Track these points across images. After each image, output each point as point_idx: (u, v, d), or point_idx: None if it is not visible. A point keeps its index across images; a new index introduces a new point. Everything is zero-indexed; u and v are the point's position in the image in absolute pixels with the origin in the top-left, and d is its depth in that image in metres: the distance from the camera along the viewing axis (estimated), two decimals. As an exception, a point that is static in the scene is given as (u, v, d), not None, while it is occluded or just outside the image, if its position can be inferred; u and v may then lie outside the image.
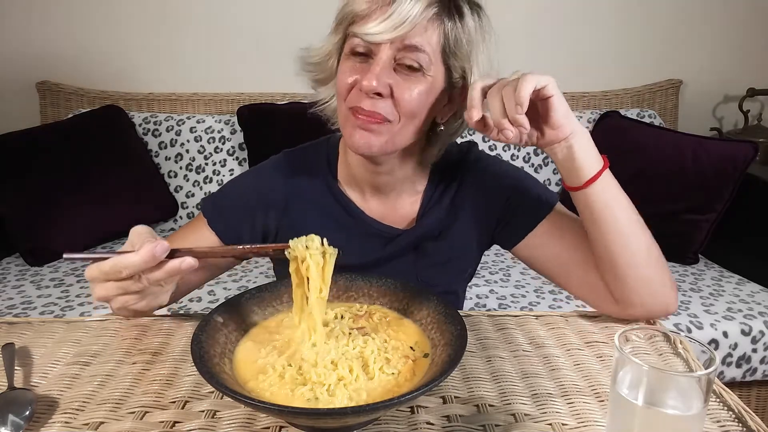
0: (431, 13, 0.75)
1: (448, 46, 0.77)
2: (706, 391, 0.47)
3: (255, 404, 0.52)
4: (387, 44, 0.74)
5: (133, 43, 2.28)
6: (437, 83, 0.78)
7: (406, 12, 0.73)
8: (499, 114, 0.68)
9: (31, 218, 1.85)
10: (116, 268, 0.63)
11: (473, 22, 0.79)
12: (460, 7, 0.78)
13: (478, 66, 0.80)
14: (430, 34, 0.76)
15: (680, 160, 1.92)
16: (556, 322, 0.83)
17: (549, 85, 0.68)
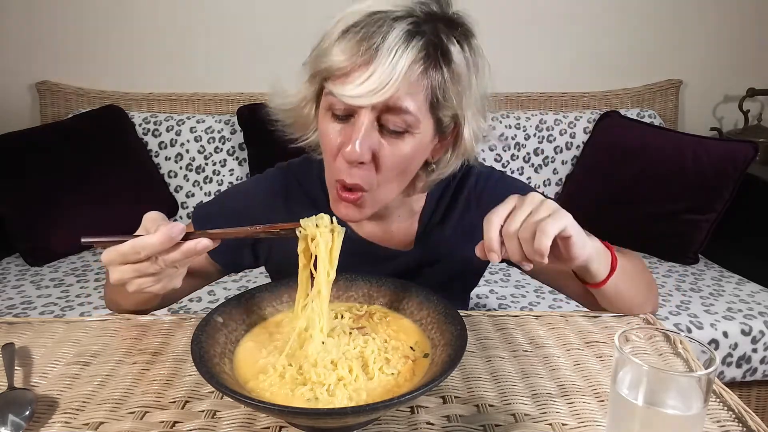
0: (416, 72, 0.68)
1: (436, 100, 0.71)
2: (706, 391, 0.47)
3: (255, 404, 0.52)
4: (368, 107, 0.69)
5: (133, 43, 2.27)
6: (426, 137, 0.74)
7: (388, 73, 0.65)
8: (519, 257, 0.65)
9: (31, 218, 1.85)
10: (134, 249, 0.63)
11: (464, 63, 0.72)
12: (448, 50, 0.70)
13: (470, 108, 0.74)
14: (416, 93, 0.69)
15: (680, 160, 1.92)
16: (556, 322, 0.83)
17: (568, 226, 0.64)
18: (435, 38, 0.69)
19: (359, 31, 0.67)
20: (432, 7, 0.71)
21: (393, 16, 0.67)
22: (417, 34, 0.67)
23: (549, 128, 2.22)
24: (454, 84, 0.70)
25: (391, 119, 0.69)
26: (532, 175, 2.22)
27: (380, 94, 0.66)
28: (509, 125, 2.20)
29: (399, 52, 0.66)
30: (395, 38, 0.66)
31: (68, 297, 1.66)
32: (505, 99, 2.31)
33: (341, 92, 0.67)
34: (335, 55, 0.67)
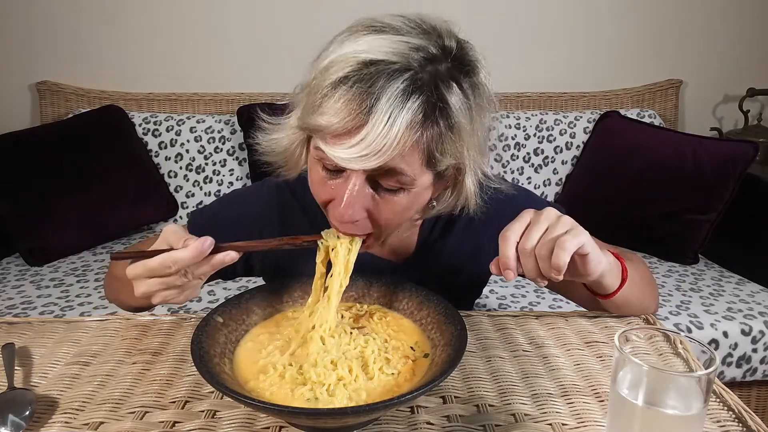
0: (412, 138, 0.61)
1: (433, 158, 0.65)
2: (706, 391, 0.47)
3: (255, 404, 0.52)
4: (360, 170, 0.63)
5: (133, 43, 2.27)
6: (423, 188, 0.69)
7: (381, 140, 0.59)
8: (535, 274, 0.64)
9: (31, 218, 1.85)
10: (165, 264, 0.62)
11: (463, 108, 0.64)
12: (447, 103, 0.63)
13: (471, 151, 0.68)
14: (411, 155, 0.63)
15: (680, 160, 1.92)
16: (556, 322, 0.83)
17: (585, 244, 0.63)
18: (434, 95, 0.62)
19: (350, 88, 0.60)
20: (431, 49, 0.63)
21: (388, 70, 0.60)
22: (414, 92, 0.60)
23: (549, 128, 2.22)
24: (454, 138, 0.65)
25: (384, 180, 0.65)
26: (532, 175, 2.22)
27: (372, 160, 0.60)
28: (509, 125, 2.20)
29: (393, 116, 0.59)
30: (389, 100, 0.59)
31: (68, 297, 1.66)
32: (505, 99, 2.31)
33: (331, 152, 0.62)
34: (325, 116, 0.61)
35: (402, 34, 0.63)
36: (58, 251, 1.91)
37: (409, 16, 0.66)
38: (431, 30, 0.65)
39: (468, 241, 0.89)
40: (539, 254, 0.62)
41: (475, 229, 0.88)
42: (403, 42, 0.62)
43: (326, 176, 0.67)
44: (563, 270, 0.61)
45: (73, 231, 1.92)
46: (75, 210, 1.90)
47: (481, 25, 2.30)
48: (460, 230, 0.88)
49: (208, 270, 0.64)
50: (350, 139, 0.60)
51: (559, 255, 0.61)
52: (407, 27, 0.64)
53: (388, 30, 0.63)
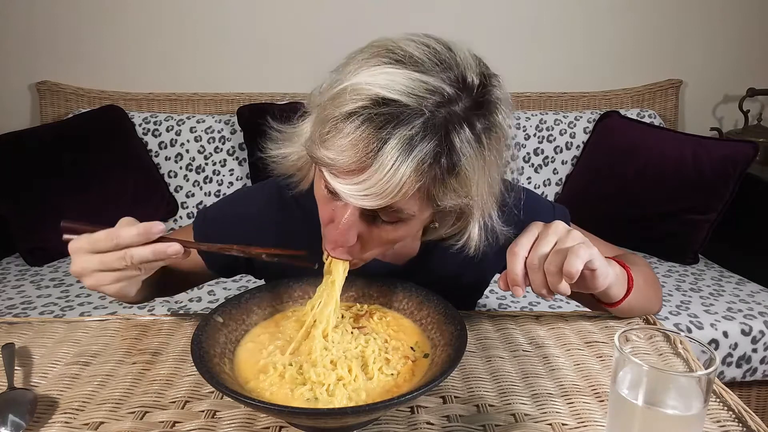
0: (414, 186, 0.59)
1: (436, 196, 0.62)
2: (706, 391, 0.47)
3: (255, 404, 0.52)
4: None
5: (133, 43, 2.27)
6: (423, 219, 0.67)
7: (382, 186, 0.57)
8: (541, 287, 0.63)
9: (31, 218, 1.85)
10: (109, 236, 0.61)
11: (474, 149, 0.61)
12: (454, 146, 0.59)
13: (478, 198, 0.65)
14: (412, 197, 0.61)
15: (680, 160, 1.92)
16: (556, 322, 0.83)
17: (594, 258, 0.63)
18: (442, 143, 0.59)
19: (360, 125, 0.58)
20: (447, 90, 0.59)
21: (399, 113, 0.57)
22: (422, 140, 0.58)
23: (549, 128, 2.22)
24: (459, 186, 0.62)
25: (383, 213, 0.63)
26: (532, 175, 2.22)
27: (372, 200, 0.59)
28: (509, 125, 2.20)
29: (397, 163, 0.57)
30: (396, 146, 0.57)
31: (68, 297, 1.66)
32: (505, 99, 2.30)
33: (332, 183, 0.61)
34: (330, 151, 0.59)
35: (421, 71, 0.59)
36: (58, 251, 1.91)
37: (434, 46, 0.62)
38: (454, 64, 0.61)
39: None
40: (548, 269, 0.62)
41: None
42: (420, 81, 0.59)
43: (329, 196, 0.66)
44: (575, 277, 0.60)
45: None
46: (75, 210, 1.90)
47: (481, 25, 2.30)
48: None
49: (149, 255, 0.62)
50: (353, 178, 0.59)
51: (572, 262, 0.60)
52: (429, 61, 0.60)
53: (407, 63, 0.60)
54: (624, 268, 0.75)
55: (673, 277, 1.84)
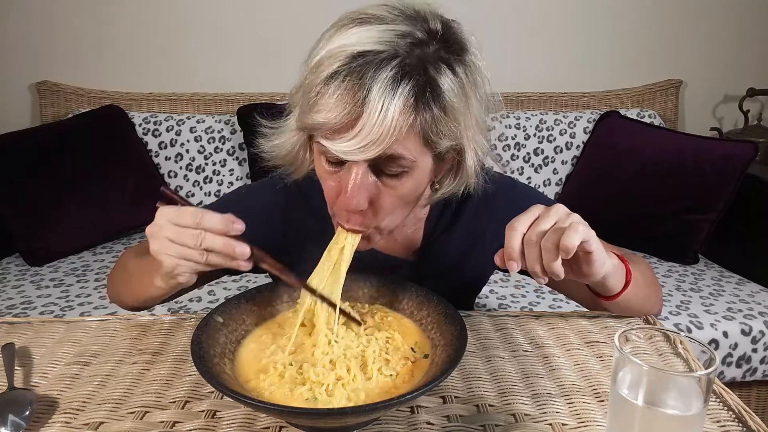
0: (407, 122, 0.62)
1: (430, 138, 0.66)
2: (706, 391, 0.47)
3: (255, 404, 0.52)
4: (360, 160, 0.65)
5: (133, 43, 2.27)
6: (425, 170, 0.70)
7: (377, 129, 0.61)
8: (535, 261, 0.63)
9: (31, 218, 1.85)
10: (195, 214, 0.62)
11: (456, 88, 0.65)
12: (438, 85, 0.64)
13: (469, 130, 0.69)
14: (407, 139, 0.64)
15: (680, 160, 1.92)
16: (556, 322, 0.83)
17: (591, 239, 0.63)
18: (423, 77, 0.63)
19: (343, 81, 0.62)
20: (417, 34, 0.64)
21: (376, 60, 0.61)
22: (403, 78, 0.62)
23: (549, 128, 2.22)
24: (449, 118, 0.66)
25: (386, 166, 0.66)
26: (532, 175, 2.22)
27: (371, 150, 0.62)
28: (509, 125, 2.20)
29: (385, 104, 0.61)
30: (380, 89, 0.61)
31: (68, 297, 1.66)
32: (505, 99, 2.30)
33: (331, 146, 0.64)
34: (320, 113, 0.63)
35: (387, 22, 0.64)
36: (58, 251, 1.91)
37: (393, 4, 0.67)
38: (415, 15, 0.66)
39: (472, 235, 0.89)
40: (545, 246, 0.62)
41: (479, 223, 0.89)
42: (388, 30, 0.63)
43: (331, 169, 0.69)
44: (571, 252, 0.60)
45: (73, 231, 1.92)
46: (75, 210, 1.90)
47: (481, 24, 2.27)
48: (464, 225, 0.89)
49: (218, 245, 0.62)
50: (348, 133, 0.62)
51: (570, 236, 0.60)
52: (391, 15, 0.65)
53: (373, 20, 0.64)
54: (622, 261, 0.75)
55: (673, 277, 1.84)
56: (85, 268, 1.85)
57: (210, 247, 0.63)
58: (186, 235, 0.62)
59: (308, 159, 0.76)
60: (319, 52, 0.65)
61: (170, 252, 0.64)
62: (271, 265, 0.67)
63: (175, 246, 0.63)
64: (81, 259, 1.92)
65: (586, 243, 0.63)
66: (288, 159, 0.78)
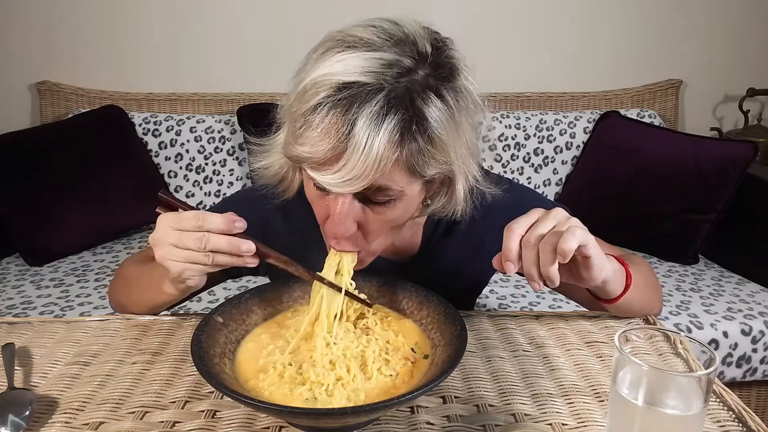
0: (392, 157, 0.61)
1: (416, 168, 0.64)
2: (706, 391, 0.47)
3: (255, 404, 0.52)
4: None
5: (133, 43, 2.27)
6: (413, 195, 0.69)
7: (361, 166, 0.59)
8: (532, 263, 0.62)
9: (31, 218, 1.85)
10: (196, 217, 0.63)
11: (444, 117, 0.63)
12: (424, 117, 0.62)
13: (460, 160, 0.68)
14: (393, 172, 0.63)
15: (680, 160, 1.92)
16: (556, 322, 0.83)
17: (589, 244, 0.62)
18: (409, 110, 0.61)
19: (327, 114, 0.60)
20: (405, 62, 0.62)
21: (362, 92, 0.60)
22: (389, 112, 0.60)
23: (549, 128, 2.22)
24: (435, 150, 0.64)
25: (373, 195, 0.65)
26: (532, 175, 2.22)
27: (356, 184, 0.61)
28: (509, 125, 2.20)
29: (370, 139, 0.59)
30: (365, 124, 0.59)
31: (68, 297, 1.66)
32: (505, 99, 2.31)
33: (317, 177, 0.63)
34: (305, 146, 0.62)
35: (374, 49, 0.62)
36: (58, 251, 1.91)
37: (381, 24, 0.64)
38: (404, 38, 0.64)
39: (471, 239, 0.89)
40: (542, 248, 0.61)
41: (478, 227, 0.88)
42: (375, 59, 0.61)
43: (319, 193, 0.68)
44: (568, 255, 0.60)
45: (73, 231, 1.92)
46: (75, 210, 1.90)
47: (481, 25, 2.29)
48: (463, 229, 0.88)
49: (223, 245, 0.63)
50: (333, 166, 0.61)
51: (567, 239, 0.59)
52: (380, 40, 0.63)
53: (360, 46, 0.62)
54: (623, 264, 0.74)
55: (673, 277, 1.84)
56: (85, 268, 1.85)
57: (215, 248, 0.63)
58: (189, 238, 0.63)
59: (297, 179, 0.76)
60: (305, 77, 0.63)
61: (176, 258, 0.65)
62: (277, 259, 0.68)
63: (180, 251, 0.64)
64: (81, 259, 1.92)
65: (584, 247, 0.62)
66: (277, 179, 0.78)
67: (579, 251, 0.62)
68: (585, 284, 0.69)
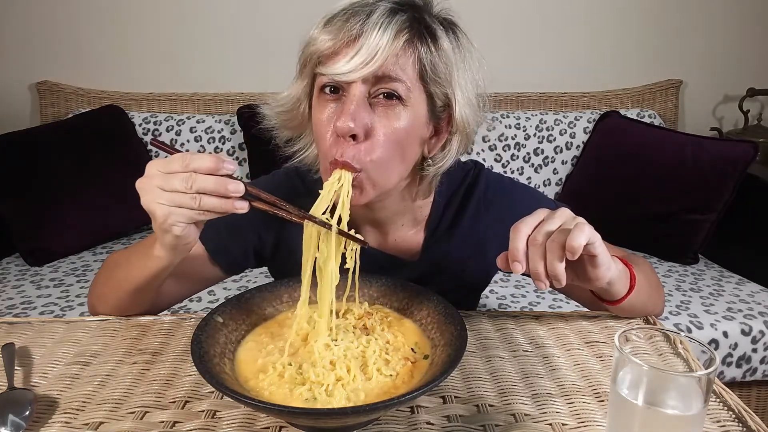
0: (402, 41, 0.69)
1: (425, 72, 0.71)
2: (706, 391, 0.47)
3: (255, 404, 0.52)
4: (359, 81, 0.69)
5: (133, 43, 2.28)
6: (419, 113, 0.73)
7: (375, 45, 0.67)
8: (539, 262, 0.61)
9: (31, 218, 1.85)
10: (183, 157, 0.61)
11: (449, 43, 0.73)
12: (433, 29, 0.72)
13: (461, 89, 0.74)
14: (404, 62, 0.70)
15: (680, 160, 1.92)
16: (556, 322, 0.83)
17: (597, 242, 0.62)
18: (419, 15, 0.71)
19: (343, 15, 0.69)
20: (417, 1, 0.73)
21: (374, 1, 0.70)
22: (400, 11, 0.70)
23: (549, 128, 2.22)
24: (442, 59, 0.72)
25: (382, 88, 0.70)
26: (532, 175, 2.22)
27: (369, 66, 0.67)
28: (509, 125, 2.20)
29: (384, 25, 0.68)
30: (379, 15, 0.68)
31: (68, 297, 1.66)
32: (505, 99, 2.31)
33: (332, 71, 0.68)
34: (322, 39, 0.70)
35: None
36: (58, 251, 1.91)
37: None
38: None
39: (473, 237, 0.89)
40: (550, 247, 0.61)
41: (480, 225, 0.88)
42: None
43: (329, 105, 0.72)
44: (577, 252, 0.59)
45: (73, 231, 1.91)
46: (75, 210, 1.90)
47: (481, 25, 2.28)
48: (465, 227, 0.88)
49: (210, 185, 0.61)
50: (347, 54, 0.68)
51: (576, 235, 0.59)
52: None
53: None
54: (627, 266, 0.74)
55: (673, 277, 1.84)
56: (85, 268, 1.85)
57: (202, 188, 0.61)
58: (176, 179, 0.61)
59: (308, 116, 0.78)
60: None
61: (161, 200, 0.62)
62: (266, 201, 0.65)
63: (166, 193, 0.62)
64: (81, 259, 1.92)
65: (591, 245, 0.61)
66: (289, 115, 0.80)
67: (586, 250, 0.61)
68: (590, 285, 0.68)
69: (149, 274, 0.74)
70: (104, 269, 0.87)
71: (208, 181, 0.61)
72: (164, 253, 0.69)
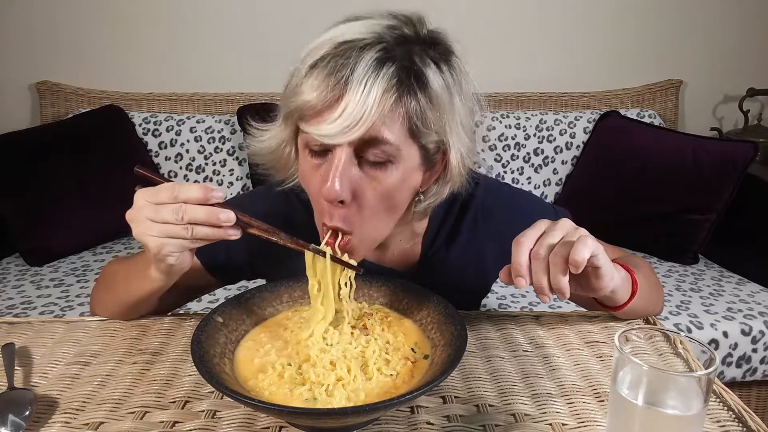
0: (390, 101, 0.63)
1: (415, 127, 0.66)
2: (706, 391, 0.47)
3: (255, 404, 0.52)
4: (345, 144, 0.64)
5: (133, 43, 2.28)
6: (411, 165, 0.69)
7: (360, 108, 0.61)
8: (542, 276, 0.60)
9: (31, 218, 1.85)
10: (172, 188, 0.61)
11: (441, 81, 0.67)
12: (422, 73, 0.65)
13: (455, 133, 0.69)
14: (392, 123, 0.64)
15: (680, 160, 1.92)
16: (556, 322, 0.83)
17: (600, 254, 0.61)
18: (407, 62, 0.64)
19: (327, 65, 0.63)
20: (404, 30, 0.66)
21: (360, 44, 0.63)
22: (387, 60, 0.63)
23: (549, 128, 2.22)
24: (434, 109, 0.66)
25: (370, 151, 0.65)
26: (532, 175, 2.22)
27: (354, 130, 0.62)
28: (509, 125, 2.20)
29: (369, 83, 0.62)
30: (364, 69, 0.62)
31: (68, 297, 1.66)
32: (505, 99, 2.31)
33: (315, 132, 0.64)
34: (305, 94, 0.64)
35: (376, 19, 0.67)
36: (58, 251, 1.91)
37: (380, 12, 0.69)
38: (406, 19, 0.68)
39: (472, 247, 0.88)
40: (553, 260, 0.60)
41: (479, 235, 0.88)
42: (376, 23, 0.66)
43: (315, 161, 0.68)
44: (581, 266, 0.58)
45: (73, 231, 1.92)
46: (75, 210, 1.90)
47: (481, 25, 2.30)
48: (464, 238, 0.88)
49: (201, 216, 0.61)
50: (331, 114, 0.63)
51: (579, 249, 0.58)
52: (383, 15, 0.68)
53: (362, 17, 0.67)
54: (628, 272, 0.74)
55: (673, 277, 1.84)
56: (85, 268, 1.85)
57: (193, 219, 0.61)
58: (166, 210, 0.61)
59: (293, 159, 0.75)
60: (308, 46, 0.67)
61: (153, 232, 0.62)
62: (259, 228, 0.65)
63: (157, 225, 0.62)
64: (81, 259, 1.92)
65: (594, 258, 0.61)
66: (273, 157, 0.77)
67: (589, 262, 0.61)
68: (593, 294, 0.68)
69: (146, 292, 0.76)
70: (103, 278, 0.88)
71: (199, 212, 0.61)
72: (159, 276, 0.71)
